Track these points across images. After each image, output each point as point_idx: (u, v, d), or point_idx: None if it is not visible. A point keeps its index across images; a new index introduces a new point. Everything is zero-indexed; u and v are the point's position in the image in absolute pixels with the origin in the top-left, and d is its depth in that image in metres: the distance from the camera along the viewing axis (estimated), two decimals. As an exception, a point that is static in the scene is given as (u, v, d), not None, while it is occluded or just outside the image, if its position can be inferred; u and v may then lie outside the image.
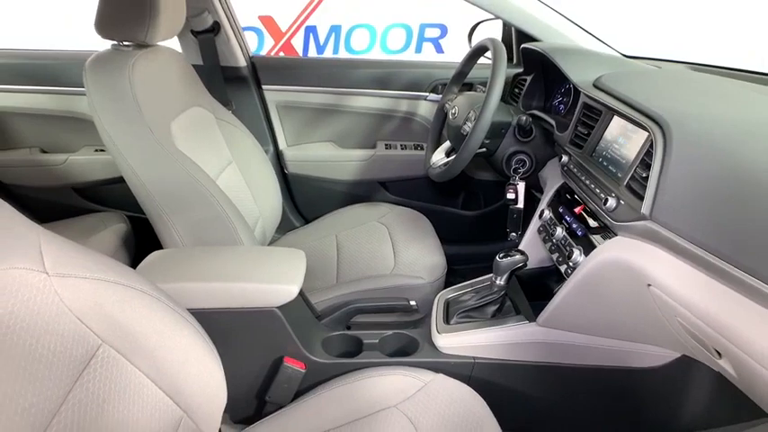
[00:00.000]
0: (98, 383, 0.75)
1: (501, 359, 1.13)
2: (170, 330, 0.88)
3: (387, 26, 3.98)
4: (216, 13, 1.66)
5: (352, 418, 0.98)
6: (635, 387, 1.13)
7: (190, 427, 0.88)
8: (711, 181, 0.79)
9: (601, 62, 1.34)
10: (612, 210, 0.94)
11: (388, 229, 1.63)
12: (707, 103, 1.00)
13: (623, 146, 1.00)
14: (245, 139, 1.59)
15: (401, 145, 1.93)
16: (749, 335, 0.70)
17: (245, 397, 1.13)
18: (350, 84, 1.86)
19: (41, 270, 0.73)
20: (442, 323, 1.19)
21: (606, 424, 1.21)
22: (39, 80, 1.78)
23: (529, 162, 1.38)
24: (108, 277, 0.82)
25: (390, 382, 1.04)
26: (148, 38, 1.24)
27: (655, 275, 0.84)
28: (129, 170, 1.20)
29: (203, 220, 1.23)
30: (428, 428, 0.94)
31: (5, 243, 0.71)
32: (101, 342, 0.77)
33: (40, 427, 0.65)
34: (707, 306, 0.76)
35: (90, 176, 1.88)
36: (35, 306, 0.70)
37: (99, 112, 1.17)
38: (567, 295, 1.02)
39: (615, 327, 1.04)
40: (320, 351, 1.14)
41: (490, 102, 1.19)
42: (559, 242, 1.11)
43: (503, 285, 1.13)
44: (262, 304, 1.05)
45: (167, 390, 0.85)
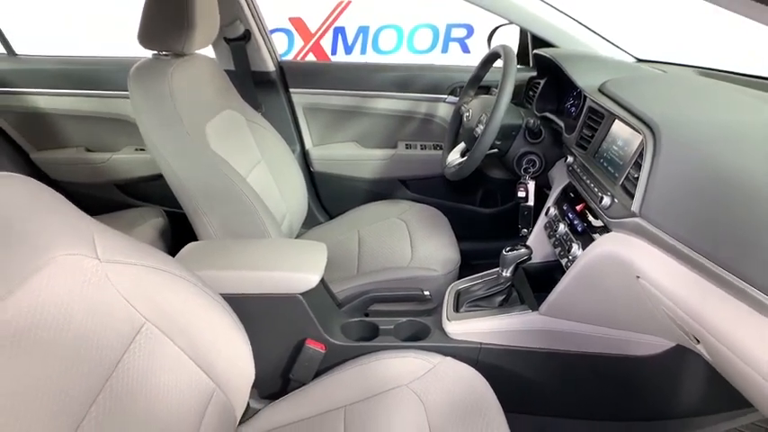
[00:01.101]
0: (142, 357, 0.86)
1: (505, 345, 1.21)
2: (204, 312, 0.99)
3: (414, 27, 4.01)
4: (247, 21, 1.77)
5: (367, 395, 1.08)
6: (631, 374, 1.20)
7: (221, 399, 0.99)
8: (696, 183, 0.86)
9: (607, 67, 1.40)
10: (607, 207, 1.02)
11: (406, 224, 1.73)
12: (701, 108, 1.06)
13: (622, 148, 1.07)
14: (273, 139, 1.70)
15: (421, 145, 2.01)
16: (722, 324, 0.77)
17: (270, 375, 1.24)
18: (372, 87, 1.95)
19: (94, 256, 0.84)
20: (452, 311, 1.28)
21: (603, 409, 1.28)
22: (85, 84, 1.92)
23: (539, 162, 1.45)
24: (151, 264, 0.94)
25: (402, 363, 1.14)
26: (185, 48, 1.36)
27: (643, 268, 0.92)
28: (168, 169, 1.32)
29: (235, 215, 1.35)
30: (435, 406, 1.03)
31: (63, 231, 0.83)
32: (144, 321, 0.88)
33: (96, 389, 0.75)
34: (687, 297, 0.84)
35: (131, 174, 2.03)
36: (89, 288, 0.82)
37: (142, 115, 1.29)
38: (566, 286, 1.10)
39: (611, 316, 1.11)
40: (339, 335, 1.25)
41: (499, 106, 1.27)
42: (561, 237, 1.19)
43: (509, 277, 1.22)
44: (286, 291, 1.16)
45: (202, 365, 0.95)
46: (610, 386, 1.24)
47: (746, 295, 0.73)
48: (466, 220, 1.99)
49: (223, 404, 0.99)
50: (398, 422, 1.01)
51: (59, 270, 0.78)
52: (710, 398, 1.22)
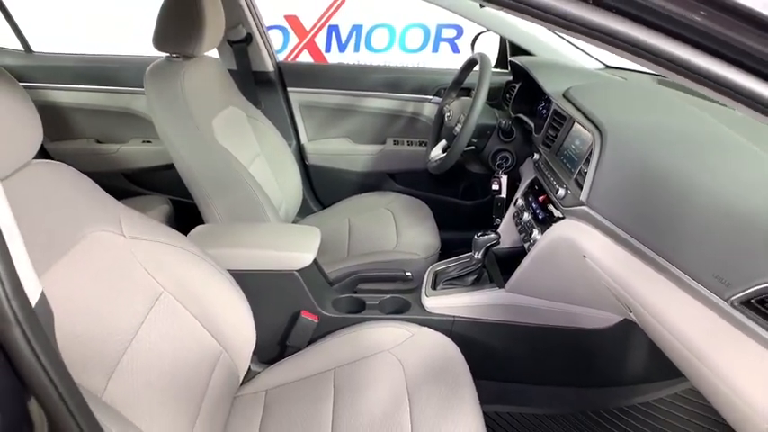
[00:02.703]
0: (161, 320, 1.02)
1: (475, 318, 1.38)
2: (213, 284, 1.14)
3: (405, 26, 4.09)
4: (248, 25, 1.92)
5: (354, 358, 1.24)
6: (585, 345, 1.37)
7: (227, 360, 1.15)
8: (633, 178, 1.03)
9: (573, 75, 1.57)
10: (562, 198, 1.19)
11: (393, 214, 1.89)
12: (647, 113, 1.23)
13: (578, 147, 1.24)
14: (271, 134, 1.85)
15: (408, 141, 2.17)
16: (649, 296, 0.94)
17: (269, 342, 1.40)
18: (364, 87, 2.10)
19: (120, 233, 1.00)
20: (430, 289, 1.45)
21: (560, 376, 1.45)
22: (96, 81, 2.06)
23: (511, 159, 1.61)
24: (168, 241, 1.09)
25: (385, 332, 1.30)
26: (195, 51, 1.51)
27: (588, 249, 1.09)
28: (179, 158, 1.47)
29: (238, 201, 1.50)
30: (413, 368, 1.19)
31: (95, 212, 0.99)
32: (162, 290, 1.04)
33: (125, 343, 0.91)
34: (622, 273, 1.00)
35: (138, 164, 2.17)
36: (117, 260, 0.98)
37: (156, 111, 1.44)
38: (527, 266, 1.27)
39: (565, 292, 1.29)
40: (330, 308, 1.41)
41: (475, 108, 1.43)
42: (526, 225, 1.36)
43: (480, 259, 1.39)
44: (284, 267, 1.32)
45: (210, 330, 1.11)
46: (566, 356, 1.41)
47: (669, 273, 0.89)
48: (448, 211, 2.15)
49: (228, 365, 1.15)
50: (381, 381, 1.17)
51: (93, 245, 0.94)
52: (654, 367, 1.40)
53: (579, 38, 0.53)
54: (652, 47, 0.49)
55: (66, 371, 0.54)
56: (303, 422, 1.11)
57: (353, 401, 1.12)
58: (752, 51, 0.45)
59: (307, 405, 1.15)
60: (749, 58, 0.45)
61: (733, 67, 0.45)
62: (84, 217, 0.96)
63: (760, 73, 0.47)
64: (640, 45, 0.49)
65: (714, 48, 0.45)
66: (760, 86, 0.48)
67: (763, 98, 0.48)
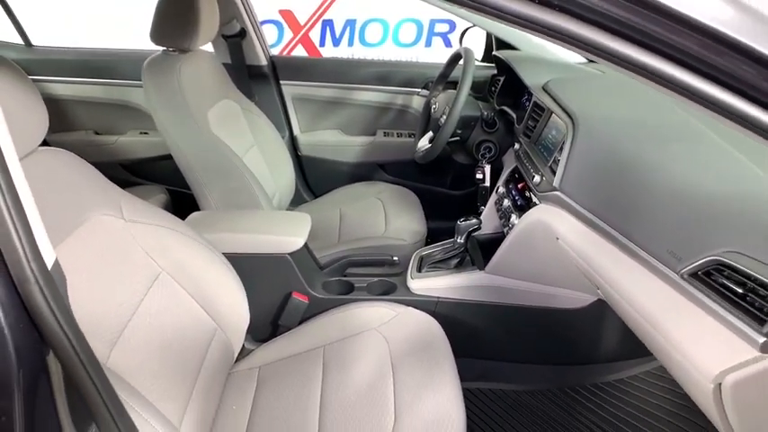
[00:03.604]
0: (159, 298, 1.09)
1: (458, 298, 1.45)
2: (209, 265, 1.21)
3: (399, 21, 4.13)
4: (242, 20, 1.98)
5: (343, 336, 1.31)
6: (561, 324, 1.45)
7: (222, 337, 1.22)
8: (601, 165, 1.11)
9: (554, 68, 1.64)
10: (537, 184, 1.26)
11: (382, 203, 1.96)
12: (619, 105, 1.30)
13: (555, 137, 1.31)
14: (265, 126, 1.92)
15: (397, 133, 2.24)
16: (615, 276, 1.01)
17: (262, 321, 1.47)
18: (355, 80, 2.16)
19: (121, 217, 1.07)
20: (416, 272, 1.52)
21: (538, 354, 1.53)
22: (95, 74, 2.12)
23: (494, 149, 1.69)
24: (166, 225, 1.16)
25: (372, 312, 1.37)
26: (191, 45, 1.57)
27: (560, 231, 1.16)
28: (176, 148, 1.53)
29: (232, 189, 1.57)
30: (397, 344, 1.27)
31: (97, 196, 1.05)
32: (161, 270, 1.10)
33: (126, 318, 0.98)
34: (591, 254, 1.08)
35: (136, 155, 2.23)
36: (118, 242, 1.04)
37: (154, 103, 1.50)
38: (506, 249, 1.35)
39: (542, 273, 1.36)
40: (321, 290, 1.48)
41: (458, 100, 1.50)
42: (505, 210, 1.43)
43: (462, 243, 1.46)
44: (276, 251, 1.39)
45: (206, 308, 1.18)
46: (544, 335, 1.48)
47: (630, 251, 0.97)
48: (436, 200, 2.22)
49: (223, 342, 1.22)
50: (367, 357, 1.24)
51: (95, 227, 1.01)
52: (626, 346, 1.48)
53: (532, 34, 0.60)
54: (594, 41, 0.56)
55: (78, 328, 0.61)
56: (294, 395, 1.18)
57: (341, 375, 1.20)
58: (673, 42, 0.52)
59: (297, 379, 1.22)
60: (670, 48, 0.52)
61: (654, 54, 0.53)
62: (86, 201, 1.02)
63: (684, 63, 0.54)
64: (583, 40, 0.56)
65: (639, 39, 0.52)
66: (686, 76, 0.55)
67: (691, 86, 0.55)
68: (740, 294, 0.74)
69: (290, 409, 1.15)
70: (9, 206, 0.53)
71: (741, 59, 0.50)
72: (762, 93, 0.51)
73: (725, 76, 0.51)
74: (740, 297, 0.74)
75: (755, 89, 0.51)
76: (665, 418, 1.40)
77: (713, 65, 0.51)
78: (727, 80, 0.51)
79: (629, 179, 1.02)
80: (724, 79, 0.52)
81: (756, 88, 0.51)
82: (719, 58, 0.51)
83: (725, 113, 0.54)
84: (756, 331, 0.70)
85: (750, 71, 0.50)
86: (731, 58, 0.50)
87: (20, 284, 0.54)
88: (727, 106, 0.53)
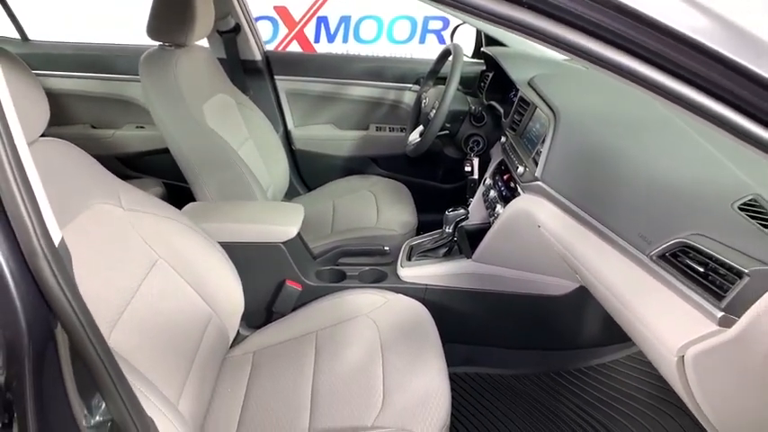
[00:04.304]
0: (156, 284, 1.13)
1: (446, 286, 1.50)
2: (205, 254, 1.26)
3: (393, 18, 4.15)
4: (237, 16, 2.02)
5: (334, 322, 1.36)
6: (546, 311, 1.50)
7: (217, 323, 1.26)
8: (580, 156, 1.16)
9: (538, 64, 1.69)
10: (521, 174, 1.31)
11: (375, 195, 2.01)
12: (599, 99, 1.36)
13: (539, 130, 1.36)
14: (259, 120, 1.96)
15: (389, 127, 2.28)
16: (589, 257, 1.07)
17: (257, 308, 1.51)
18: (348, 75, 2.20)
19: (120, 206, 1.11)
20: (405, 260, 1.57)
21: (523, 340, 1.58)
22: (92, 68, 2.16)
23: (482, 142, 1.73)
24: (164, 214, 1.20)
25: (363, 298, 1.42)
26: (187, 40, 1.61)
27: (541, 219, 1.21)
28: (173, 141, 1.58)
29: (227, 181, 1.61)
30: (387, 329, 1.32)
31: (97, 185, 1.10)
32: (158, 257, 1.15)
33: (124, 303, 1.02)
34: (570, 240, 1.13)
35: (132, 148, 2.27)
36: (117, 229, 1.09)
37: (151, 96, 1.55)
38: (491, 237, 1.40)
39: (526, 261, 1.41)
40: (313, 278, 1.53)
41: (447, 95, 1.55)
42: (492, 201, 1.48)
43: (450, 233, 1.51)
44: (270, 240, 1.44)
45: (202, 295, 1.22)
46: (529, 321, 1.54)
47: (605, 236, 1.03)
48: (428, 193, 2.26)
49: (218, 327, 1.26)
50: (358, 341, 1.29)
51: (95, 215, 1.05)
52: (608, 331, 1.53)
53: (506, 30, 0.64)
54: (558, 36, 0.61)
55: (83, 302, 0.65)
56: (287, 377, 1.23)
57: (332, 358, 1.24)
58: (632, 38, 0.57)
59: (291, 363, 1.27)
60: (630, 42, 0.57)
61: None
62: (86, 190, 1.07)
63: (644, 58, 0.59)
64: (549, 35, 0.61)
65: (599, 33, 0.57)
66: (647, 70, 0.60)
67: (652, 80, 0.60)
68: (702, 273, 0.79)
69: (283, 391, 1.19)
70: (20, 187, 0.58)
71: (701, 58, 0.55)
72: (711, 83, 0.56)
73: (686, 72, 0.57)
74: (702, 276, 0.79)
75: (703, 79, 0.56)
76: (645, 400, 1.46)
77: (676, 62, 0.56)
78: (683, 73, 0.57)
79: (605, 169, 1.08)
80: (685, 75, 0.57)
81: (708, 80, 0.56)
82: (685, 57, 0.56)
83: (684, 104, 0.59)
84: (715, 306, 0.75)
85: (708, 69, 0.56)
86: (695, 58, 0.55)
87: (30, 259, 0.59)
88: (682, 95, 0.58)
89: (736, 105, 0.56)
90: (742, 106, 0.56)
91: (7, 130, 0.58)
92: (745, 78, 0.54)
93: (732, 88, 0.55)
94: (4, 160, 0.56)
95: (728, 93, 0.56)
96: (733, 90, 0.55)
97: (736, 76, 0.55)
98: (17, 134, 0.59)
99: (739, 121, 0.57)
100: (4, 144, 0.57)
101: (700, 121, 0.59)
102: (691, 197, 0.89)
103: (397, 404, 1.09)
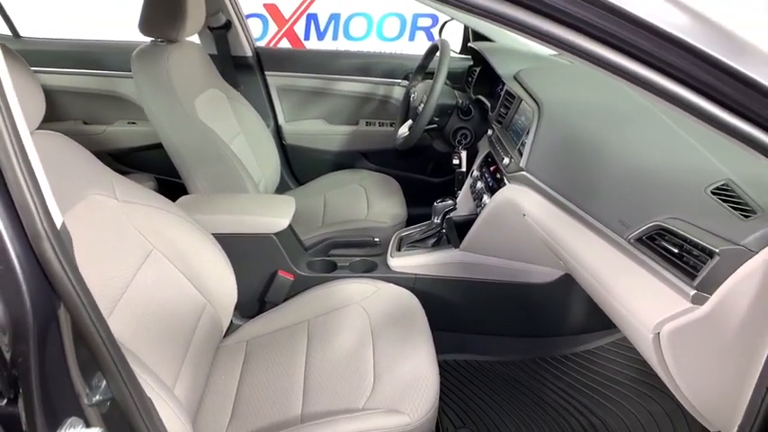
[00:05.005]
0: (151, 274, 1.15)
1: (435, 275, 1.54)
2: (199, 244, 1.28)
3: (383, 15, 4.16)
4: (228, 12, 2.04)
5: (326, 311, 1.39)
6: (531, 298, 1.54)
7: (211, 312, 1.29)
8: (562, 145, 1.20)
9: (524, 59, 1.73)
10: (507, 165, 1.35)
11: (365, 189, 2.04)
12: (582, 92, 1.40)
13: (523, 122, 1.40)
14: (250, 115, 1.99)
15: (379, 122, 2.32)
16: (571, 242, 1.11)
17: (249, 298, 1.54)
18: (338, 71, 2.23)
19: (114, 197, 1.13)
20: (395, 251, 1.61)
21: (510, 327, 1.62)
22: (83, 65, 2.17)
23: (470, 135, 1.77)
24: (158, 205, 1.23)
25: (354, 287, 1.45)
26: (178, 36, 1.64)
27: (526, 208, 1.25)
28: (165, 134, 1.60)
29: (219, 174, 1.64)
30: (378, 317, 1.35)
31: (92, 176, 1.12)
32: (152, 248, 1.17)
33: (120, 291, 1.04)
34: (553, 227, 1.17)
35: (124, 144, 2.28)
36: (111, 221, 1.11)
37: (144, 91, 1.57)
38: (478, 227, 1.44)
39: (512, 249, 1.45)
40: (305, 269, 1.56)
41: (435, 89, 1.58)
42: (479, 192, 1.52)
43: (438, 223, 1.55)
44: (262, 231, 1.46)
45: (196, 284, 1.25)
46: (515, 308, 1.58)
47: (586, 222, 1.07)
48: (417, 187, 2.29)
49: (212, 316, 1.29)
50: (349, 328, 1.32)
51: (90, 206, 1.07)
52: (593, 318, 1.57)
53: (494, 24, 0.68)
54: (535, 26, 0.64)
55: (84, 283, 0.68)
56: (280, 364, 1.26)
57: (324, 345, 1.28)
58: (606, 28, 0.60)
59: (283, 350, 1.30)
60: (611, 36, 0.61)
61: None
62: (81, 181, 1.09)
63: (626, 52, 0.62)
64: (537, 30, 0.64)
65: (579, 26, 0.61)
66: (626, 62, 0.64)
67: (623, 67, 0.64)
68: (677, 254, 0.84)
69: (276, 377, 1.22)
70: (24, 172, 0.61)
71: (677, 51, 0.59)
72: (683, 72, 0.60)
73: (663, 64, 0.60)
74: (677, 257, 0.84)
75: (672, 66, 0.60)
76: (628, 384, 1.50)
77: (654, 54, 0.60)
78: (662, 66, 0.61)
79: (586, 158, 1.11)
80: (661, 66, 0.61)
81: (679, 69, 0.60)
82: (659, 49, 0.60)
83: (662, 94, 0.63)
84: (688, 285, 0.79)
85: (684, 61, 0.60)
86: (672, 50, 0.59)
87: (34, 241, 0.61)
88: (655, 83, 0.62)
89: (707, 94, 0.60)
90: (712, 94, 0.60)
91: (11, 119, 0.60)
92: (717, 69, 0.59)
93: (706, 79, 0.59)
94: (8, 147, 0.59)
95: (702, 84, 0.60)
96: (706, 80, 0.59)
97: (708, 65, 0.59)
98: (19, 120, 0.62)
99: (710, 108, 0.61)
100: (9, 131, 0.59)
101: (675, 109, 0.63)
102: (667, 183, 0.93)
103: (387, 387, 1.12)
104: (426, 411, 1.08)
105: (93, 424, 0.69)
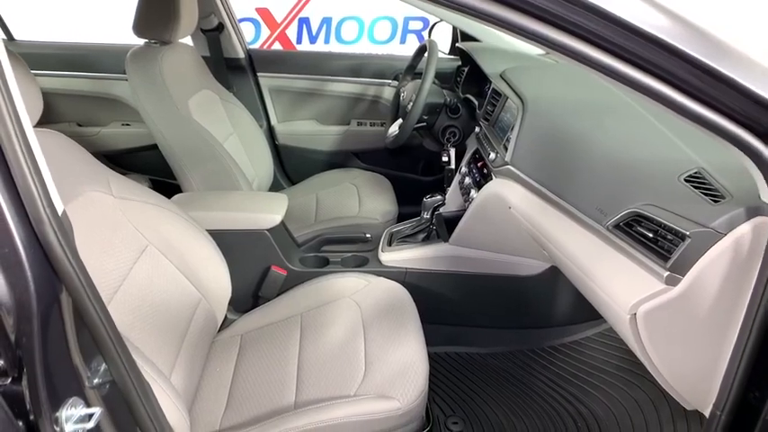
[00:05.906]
0: (146, 269, 1.18)
1: (425, 269, 1.58)
2: (193, 240, 1.31)
3: (374, 18, 4.19)
4: (220, 15, 2.07)
5: (319, 304, 1.42)
6: (520, 291, 1.58)
7: (205, 306, 1.31)
8: (545, 139, 1.24)
9: (509, 58, 1.77)
10: (493, 160, 1.39)
11: (357, 187, 2.08)
12: (566, 89, 1.44)
13: (509, 119, 1.44)
14: (243, 115, 2.02)
15: (370, 122, 2.35)
16: (554, 232, 1.15)
17: (243, 293, 1.57)
18: (329, 72, 2.27)
19: (110, 194, 1.16)
20: (386, 246, 1.64)
21: (500, 319, 1.66)
22: (77, 67, 2.19)
23: (459, 133, 1.81)
24: (153, 202, 1.26)
25: (346, 282, 1.48)
26: (172, 37, 1.67)
27: (511, 201, 1.29)
28: (159, 134, 1.63)
29: (213, 173, 1.67)
30: (369, 309, 1.38)
31: (89, 173, 1.15)
32: (148, 243, 1.20)
33: (116, 285, 1.07)
34: (538, 219, 1.21)
35: (118, 146, 2.31)
36: (107, 216, 1.14)
37: (138, 92, 1.60)
38: (466, 221, 1.48)
39: (499, 242, 1.49)
40: (298, 264, 1.59)
41: (423, 88, 1.62)
42: (467, 187, 1.56)
43: (428, 218, 1.59)
44: (255, 227, 1.50)
45: (191, 279, 1.28)
46: (504, 301, 1.61)
47: (568, 211, 1.10)
48: (408, 186, 2.32)
49: (207, 311, 1.32)
50: (340, 320, 1.35)
51: (87, 202, 1.10)
52: (579, 309, 1.62)
53: (483, 24, 0.71)
54: (521, 25, 0.68)
55: (85, 268, 0.71)
56: (273, 356, 1.29)
57: (317, 337, 1.31)
58: (580, 23, 0.64)
59: (277, 343, 1.33)
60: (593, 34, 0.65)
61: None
62: (78, 178, 1.12)
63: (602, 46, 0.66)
64: (514, 25, 0.68)
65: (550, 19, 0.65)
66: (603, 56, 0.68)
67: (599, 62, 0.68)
68: (651, 239, 0.88)
69: (270, 367, 1.26)
70: (27, 160, 0.64)
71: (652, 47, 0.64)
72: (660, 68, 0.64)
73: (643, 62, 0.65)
74: (652, 241, 0.88)
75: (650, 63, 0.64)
76: (614, 373, 1.54)
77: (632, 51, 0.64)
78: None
79: (568, 151, 1.16)
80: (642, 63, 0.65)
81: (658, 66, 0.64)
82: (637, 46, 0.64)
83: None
84: (662, 267, 0.83)
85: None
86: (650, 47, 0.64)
87: (37, 226, 0.65)
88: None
89: (681, 88, 0.65)
90: (686, 89, 0.65)
91: (15, 112, 0.64)
92: (692, 66, 0.63)
93: (681, 75, 0.64)
94: (13, 137, 0.62)
95: (678, 79, 0.64)
96: (681, 76, 0.64)
97: (683, 62, 0.63)
98: (23, 113, 0.65)
99: (684, 101, 0.65)
100: (13, 123, 0.63)
101: (652, 102, 0.67)
102: (643, 172, 0.98)
103: (377, 374, 1.16)
104: (416, 397, 1.11)
105: (93, 404, 0.73)
